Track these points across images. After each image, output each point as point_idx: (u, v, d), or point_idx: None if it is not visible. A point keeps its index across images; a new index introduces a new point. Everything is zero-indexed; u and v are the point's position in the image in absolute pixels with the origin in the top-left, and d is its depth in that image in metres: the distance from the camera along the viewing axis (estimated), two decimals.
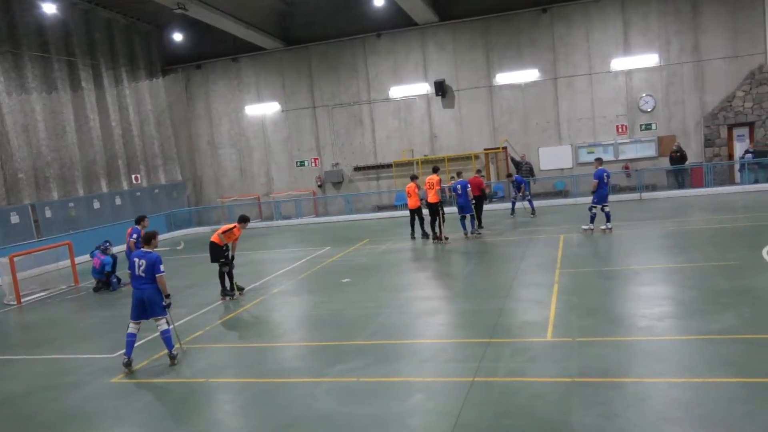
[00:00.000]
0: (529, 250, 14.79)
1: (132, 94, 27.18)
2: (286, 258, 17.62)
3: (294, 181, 29.37)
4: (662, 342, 7.87)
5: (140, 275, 8.77)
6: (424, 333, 9.46)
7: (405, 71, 27.12)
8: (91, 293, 15.29)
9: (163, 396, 7.77)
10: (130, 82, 27.10)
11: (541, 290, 10.96)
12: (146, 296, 8.75)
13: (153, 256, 8.78)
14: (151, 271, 8.72)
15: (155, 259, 8.75)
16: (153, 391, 7.94)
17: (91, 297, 14.95)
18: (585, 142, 25.49)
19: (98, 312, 13.31)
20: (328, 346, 9.14)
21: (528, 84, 25.79)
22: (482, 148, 26.42)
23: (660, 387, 6.51)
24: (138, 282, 8.82)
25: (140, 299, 8.79)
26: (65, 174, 23.55)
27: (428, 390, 7.10)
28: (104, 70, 25.76)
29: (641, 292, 10.36)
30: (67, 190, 23.55)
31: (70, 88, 24.06)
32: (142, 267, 8.75)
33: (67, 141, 23.58)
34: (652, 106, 24.62)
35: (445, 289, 12.44)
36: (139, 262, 8.78)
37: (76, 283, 16.59)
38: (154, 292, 8.77)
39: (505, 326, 9.10)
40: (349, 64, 27.78)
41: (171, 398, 7.69)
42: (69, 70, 24.11)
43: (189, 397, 7.69)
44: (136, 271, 8.80)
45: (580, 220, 17.65)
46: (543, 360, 7.61)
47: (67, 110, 23.70)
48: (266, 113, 29.28)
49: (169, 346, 8.97)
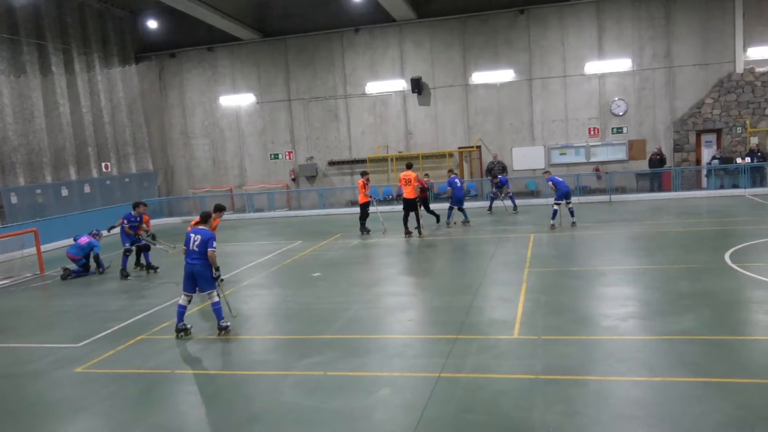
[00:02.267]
0: (500, 249, 14.92)
1: (104, 80, 26.72)
2: (257, 251, 17.52)
3: (267, 174, 29.20)
4: (625, 341, 8.02)
5: (194, 250, 9.30)
6: (392, 328, 9.49)
7: (382, 67, 27.12)
8: (57, 282, 15.03)
9: (127, 386, 7.69)
10: (102, 69, 26.65)
11: (509, 288, 11.06)
12: (197, 270, 9.28)
13: (208, 233, 9.39)
14: (204, 247, 9.25)
15: (210, 236, 9.35)
16: (117, 381, 7.85)
17: (57, 286, 14.69)
18: (558, 143, 25.78)
19: (63, 301, 13.10)
20: (296, 340, 9.13)
21: (503, 84, 25.98)
22: (457, 147, 26.55)
23: (621, 385, 6.65)
24: (191, 257, 9.34)
25: (191, 273, 9.33)
26: (33, 160, 23.08)
27: (395, 385, 7.14)
28: (76, 55, 25.29)
29: (607, 293, 10.52)
30: (35, 176, 23.09)
31: (40, 73, 23.57)
32: (197, 242, 9.30)
33: (35, 126, 23.11)
34: (623, 110, 25.00)
35: (415, 285, 12.49)
36: (194, 237, 9.34)
37: (41, 271, 16.28)
38: (204, 267, 9.28)
39: (473, 323, 9.17)
40: (326, 58, 27.68)
41: (135, 388, 7.61)
42: (39, 54, 23.61)
43: (154, 387, 7.62)
44: (190, 246, 9.34)
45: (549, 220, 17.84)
46: (509, 357, 7.70)
47: (36, 95, 23.22)
48: (241, 104, 29.04)
49: (219, 317, 9.55)
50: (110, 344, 9.43)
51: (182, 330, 9.59)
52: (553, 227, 16.99)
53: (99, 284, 14.41)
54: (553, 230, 16.76)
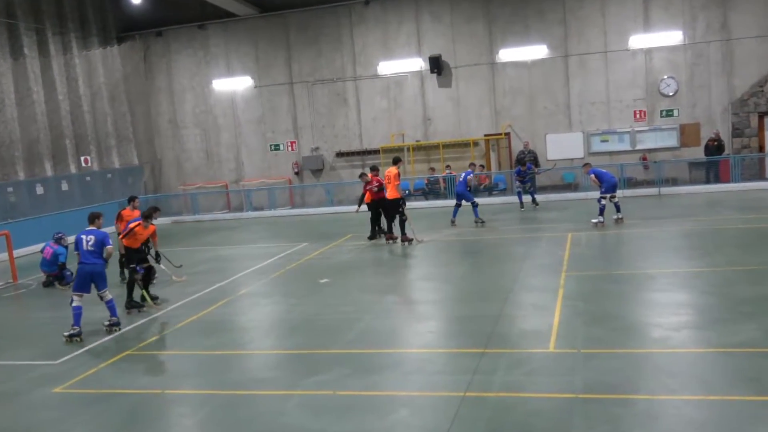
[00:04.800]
0: (532, 250, 14.87)
1: (82, 63, 26.92)
2: (256, 254, 17.59)
3: (267, 168, 29.30)
4: (677, 355, 7.98)
5: (89, 250, 10.45)
6: (410, 341, 9.50)
7: (396, 44, 27.10)
8: (33, 290, 15.19)
9: (111, 408, 7.75)
10: (80, 50, 26.85)
11: (544, 295, 11.02)
12: (97, 271, 10.47)
13: (101, 233, 10.62)
14: (101, 246, 10.47)
15: (104, 235, 10.65)
16: (100, 403, 7.93)
17: (32, 295, 14.85)
18: (598, 129, 25.62)
19: (40, 312, 13.24)
20: (300, 355, 9.16)
21: (535, 62, 25.85)
22: (482, 134, 26.50)
23: (673, 405, 6.60)
24: (86, 258, 10.46)
25: (89, 274, 10.45)
26: (3, 154, 23.30)
27: (413, 405, 7.15)
28: (50, 36, 25.48)
29: (656, 299, 10.46)
30: (6, 172, 23.31)
31: (10, 56, 23.78)
32: (91, 242, 10.46)
33: (5, 116, 23.34)
34: (674, 90, 24.79)
35: (436, 292, 12.47)
36: (87, 239, 10.48)
37: (14, 279, 16.45)
38: (103, 267, 10.56)
39: (502, 335, 9.17)
40: (333, 35, 27.71)
41: (120, 411, 7.67)
42: (9, 35, 23.82)
43: (141, 410, 7.68)
44: (83, 248, 10.43)
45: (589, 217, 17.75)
46: (544, 373, 7.69)
47: (6, 80, 23.44)
48: (237, 89, 29.16)
49: (113, 313, 10.73)
50: (92, 361, 9.52)
51: (76, 335, 10.38)
52: (601, 225, 16.75)
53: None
54: (599, 228, 16.59)
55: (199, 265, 16.59)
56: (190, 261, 16.80)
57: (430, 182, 26.25)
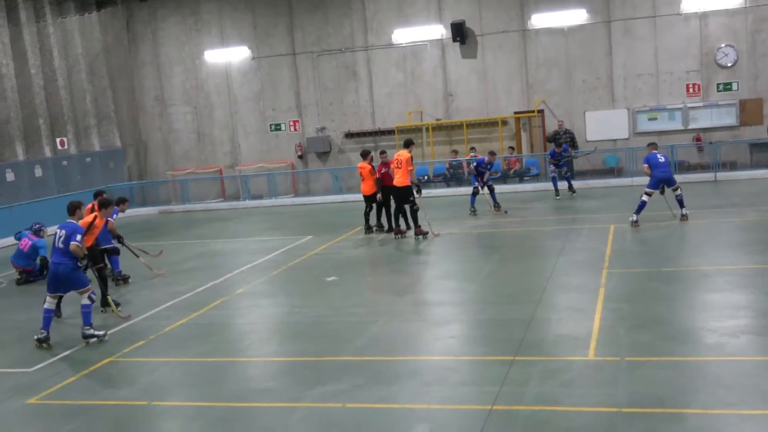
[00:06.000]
0: (570, 244, 14.83)
1: (57, 33, 27.03)
2: (255, 249, 17.66)
3: (267, 151, 29.36)
4: (735, 364, 7.94)
5: (58, 247, 10.38)
6: (430, 348, 9.51)
7: (413, 9, 27.01)
8: (4, 289, 15.33)
9: (92, 422, 7.82)
10: (54, 18, 26.94)
11: (582, 295, 11.00)
12: (60, 271, 10.34)
13: (73, 226, 10.50)
14: (68, 242, 10.25)
15: (74, 229, 10.43)
16: (79, 416, 7.99)
17: (3, 294, 14.98)
18: (645, 105, 25.46)
19: (11, 314, 13.35)
20: (305, 363, 9.18)
21: (573, 28, 25.70)
22: (512, 112, 26.40)
23: (730, 420, 6.58)
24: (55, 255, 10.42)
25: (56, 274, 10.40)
26: None
27: (434, 420, 7.16)
28: (21, 1, 25.60)
29: (710, 300, 10.41)
30: None
31: None
32: (62, 238, 10.37)
33: None
34: (733, 60, 24.57)
35: (459, 292, 12.46)
36: (59, 233, 10.43)
37: None
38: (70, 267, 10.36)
39: (535, 341, 9.15)
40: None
41: (102, 425, 7.74)
42: None
43: (126, 424, 7.75)
44: (56, 243, 10.43)
45: (635, 206, 17.59)
46: (582, 384, 7.69)
47: None
48: (232, 61, 29.19)
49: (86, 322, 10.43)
50: (71, 368, 9.60)
51: (44, 341, 10.40)
52: (636, 224, 15.87)
53: None
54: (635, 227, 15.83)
55: (190, 261, 16.66)
56: (179, 256, 16.92)
57: (452, 166, 26.21)
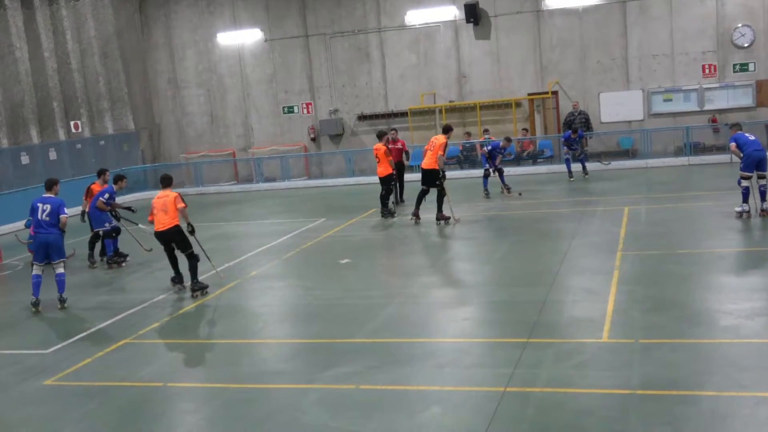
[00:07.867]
0: (583, 226, 14.79)
1: (70, 16, 27.04)
2: (268, 232, 17.71)
3: (280, 133, 29.36)
4: (750, 346, 7.92)
5: (44, 219, 11.58)
6: (443, 330, 9.53)
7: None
8: (20, 272, 15.44)
9: (108, 403, 7.89)
10: (67, 1, 26.95)
11: (596, 277, 10.98)
12: (51, 240, 11.61)
13: (57, 201, 11.77)
14: (56, 215, 11.57)
15: (60, 203, 11.74)
16: (96, 397, 8.07)
17: (18, 278, 15.07)
18: (661, 86, 25.26)
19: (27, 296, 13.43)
20: (319, 345, 9.22)
21: (587, 9, 25.48)
22: (525, 93, 26.27)
23: (745, 403, 6.57)
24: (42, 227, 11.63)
25: (45, 243, 11.59)
26: None
27: (447, 402, 7.19)
28: None
29: (726, 283, 10.38)
30: None
31: None
32: (47, 211, 11.56)
33: None
34: (750, 40, 24.31)
35: (473, 274, 12.48)
36: (43, 207, 11.62)
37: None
38: (58, 237, 11.73)
39: (548, 323, 9.16)
40: None
41: (118, 406, 7.81)
42: None
43: (141, 405, 7.81)
44: (39, 216, 11.60)
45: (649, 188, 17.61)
46: (596, 366, 7.69)
47: None
48: (245, 43, 29.15)
49: (60, 289, 11.77)
50: (87, 350, 9.67)
51: (34, 305, 11.65)
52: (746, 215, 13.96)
53: (71, 275, 14.74)
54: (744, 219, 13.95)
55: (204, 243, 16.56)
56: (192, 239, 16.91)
57: (465, 149, 26.13)
